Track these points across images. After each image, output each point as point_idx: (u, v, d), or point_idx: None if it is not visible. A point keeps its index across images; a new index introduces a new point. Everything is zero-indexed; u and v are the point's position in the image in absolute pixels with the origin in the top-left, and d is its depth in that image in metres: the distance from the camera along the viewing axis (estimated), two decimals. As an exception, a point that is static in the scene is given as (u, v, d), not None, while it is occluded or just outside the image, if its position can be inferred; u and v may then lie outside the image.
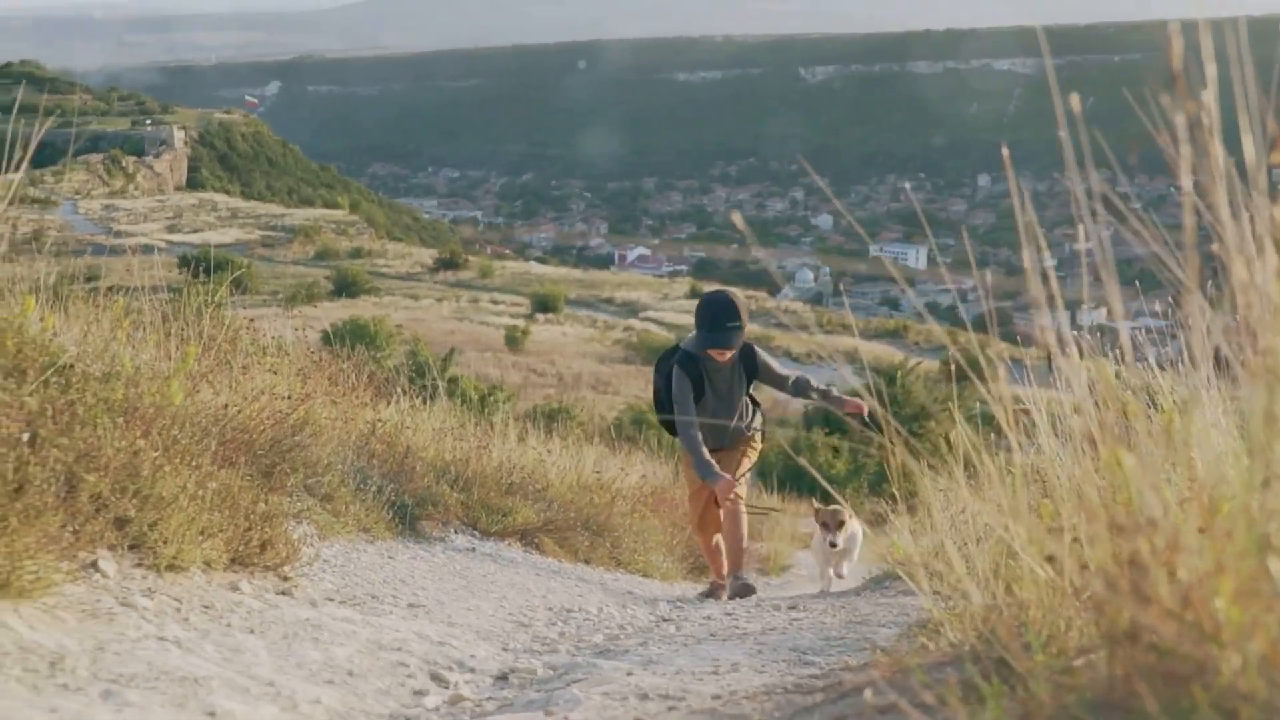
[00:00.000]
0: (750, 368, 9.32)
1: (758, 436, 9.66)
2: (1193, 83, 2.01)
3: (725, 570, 9.53)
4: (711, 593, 9.63)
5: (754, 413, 9.62)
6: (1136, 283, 4.09)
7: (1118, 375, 3.76)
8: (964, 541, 4.85)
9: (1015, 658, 2.34)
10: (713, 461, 8.92)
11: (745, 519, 9.31)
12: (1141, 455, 2.23)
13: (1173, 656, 1.87)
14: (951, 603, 3.32)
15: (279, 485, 6.12)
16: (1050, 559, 2.49)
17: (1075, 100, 2.26)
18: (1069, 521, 2.60)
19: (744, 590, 8.96)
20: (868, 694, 2.66)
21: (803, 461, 7.08)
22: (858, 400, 9.19)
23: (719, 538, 9.61)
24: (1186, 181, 1.99)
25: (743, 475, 9.33)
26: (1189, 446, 2.55)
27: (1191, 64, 2.02)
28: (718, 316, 8.96)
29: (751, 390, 9.55)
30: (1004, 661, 2.41)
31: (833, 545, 9.62)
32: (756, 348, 9.37)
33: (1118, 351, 4.33)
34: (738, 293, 9.36)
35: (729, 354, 9.05)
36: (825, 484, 4.07)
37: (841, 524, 9.67)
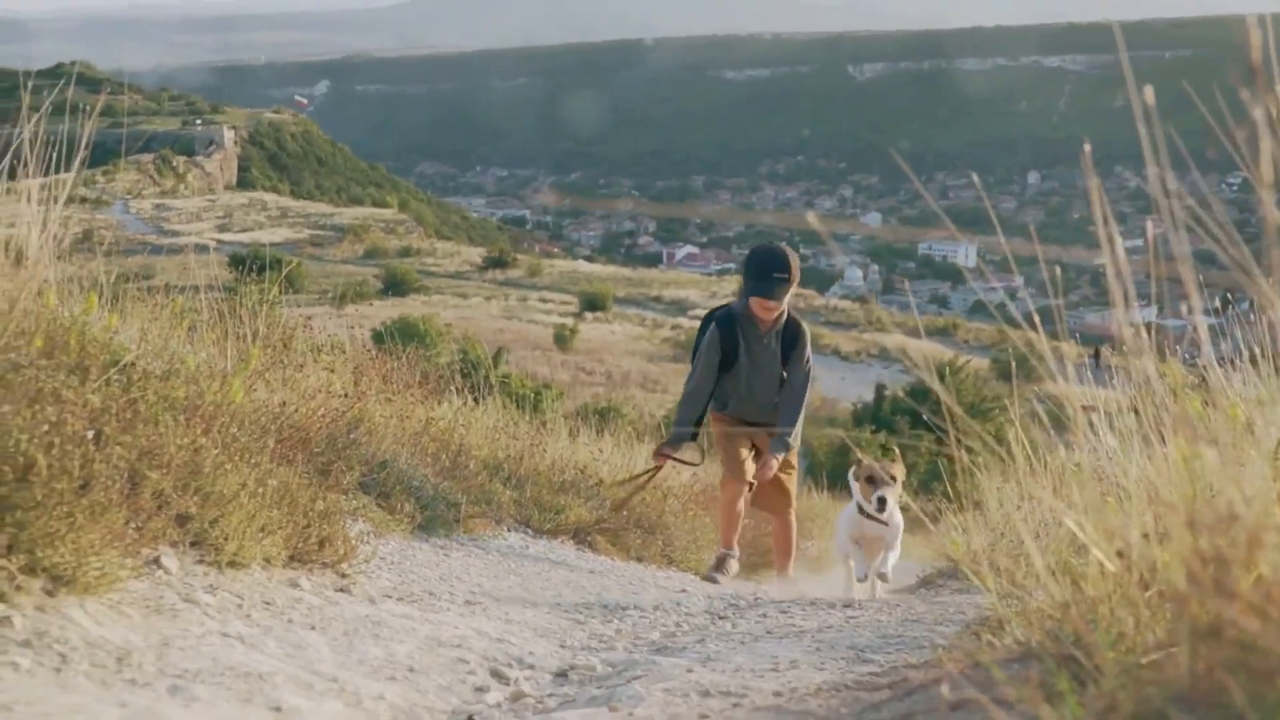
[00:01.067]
0: (789, 345, 8.80)
1: (794, 454, 9.19)
2: (1270, 75, 1.99)
3: (734, 542, 9.23)
4: (718, 565, 9.25)
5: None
6: (1200, 278, 4.05)
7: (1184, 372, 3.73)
8: (1023, 537, 4.83)
9: (1087, 654, 2.33)
10: (686, 433, 8.97)
11: (795, 529, 9.32)
12: (1222, 450, 2.21)
13: (1257, 652, 1.86)
14: (1015, 599, 3.30)
15: (335, 483, 6.14)
16: (1120, 554, 2.47)
17: (1149, 93, 2.23)
18: (1138, 517, 2.59)
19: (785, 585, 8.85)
20: (944, 689, 2.64)
21: (866, 457, 7.07)
22: (769, 466, 8.83)
23: (742, 506, 9.18)
24: (1267, 173, 1.97)
25: (775, 467, 8.87)
26: (1269, 441, 2.53)
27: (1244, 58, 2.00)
28: (764, 265, 8.48)
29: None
30: (1073, 658, 2.39)
31: (881, 503, 7.94)
32: (806, 330, 8.87)
33: (1178, 348, 4.31)
34: (790, 249, 8.63)
35: (773, 313, 8.59)
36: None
37: (893, 479, 7.94)
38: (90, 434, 3.35)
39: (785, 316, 8.73)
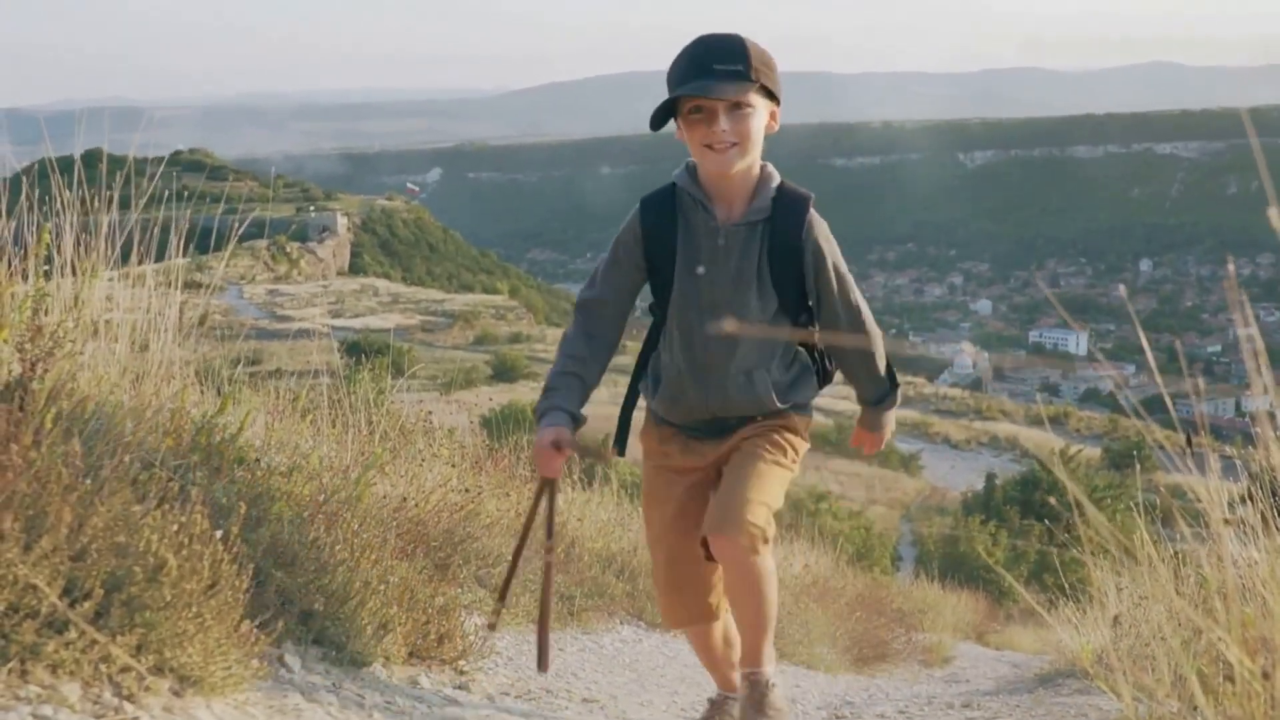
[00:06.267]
0: (789, 249, 4.29)
1: (796, 420, 4.49)
2: None
3: (735, 667, 4.67)
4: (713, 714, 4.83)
5: (801, 374, 4.53)
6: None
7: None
8: (1146, 640, 4.75)
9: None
10: (564, 391, 4.32)
11: (772, 575, 4.31)
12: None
13: None
14: (1147, 706, 3.24)
15: (453, 578, 6.16)
16: (1266, 675, 2.42)
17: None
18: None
19: (760, 708, 4.35)
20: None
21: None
22: (880, 433, 4.81)
23: (716, 622, 4.75)
24: None
25: (764, 494, 4.26)
26: None
27: None
28: (700, 54, 4.13)
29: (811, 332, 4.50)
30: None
31: None
32: (819, 220, 4.33)
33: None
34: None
35: (724, 154, 4.13)
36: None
37: None
38: (219, 533, 3.37)
39: (774, 185, 4.36)
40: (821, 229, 4.35)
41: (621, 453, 4.83)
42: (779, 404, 4.44)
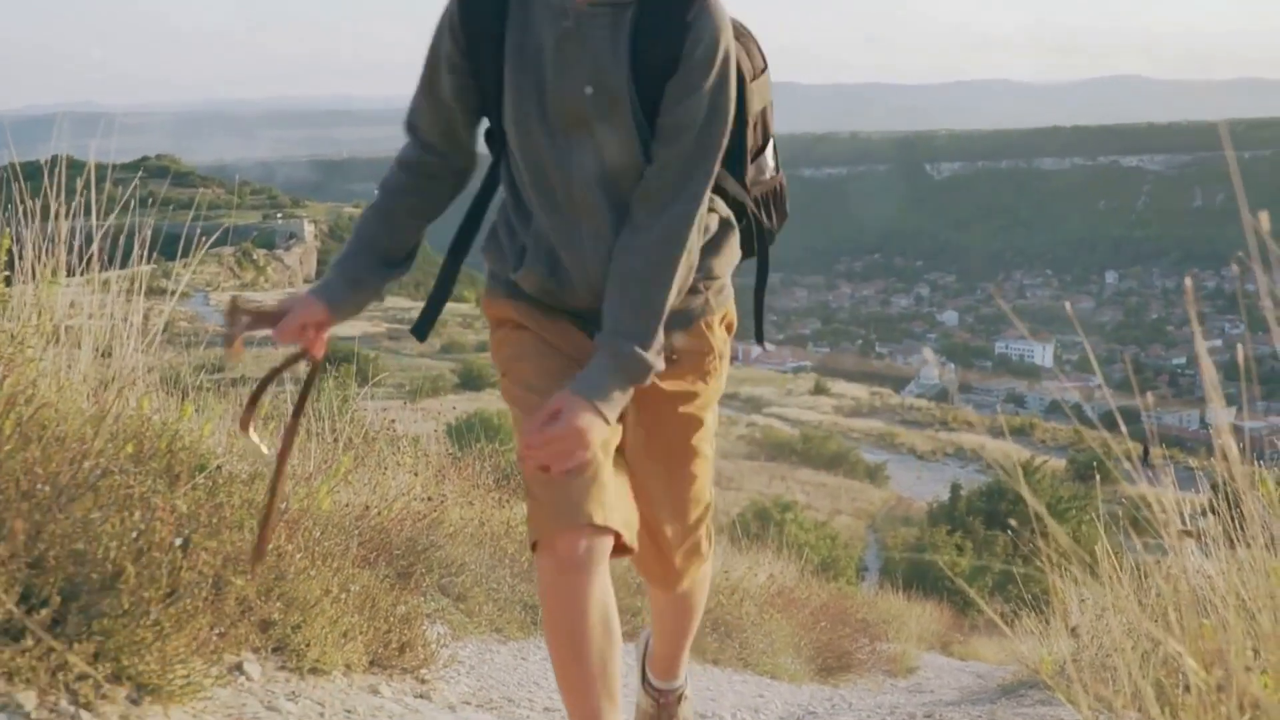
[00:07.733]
0: (668, 44, 2.88)
1: (708, 321, 3.41)
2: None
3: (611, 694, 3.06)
4: None
5: (717, 232, 3.46)
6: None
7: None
8: (1107, 652, 4.77)
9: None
10: (350, 273, 3.55)
11: (707, 581, 3.83)
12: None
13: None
14: (1110, 718, 3.26)
15: (415, 586, 6.14)
16: (1220, 688, 2.43)
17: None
18: (1237, 645, 2.54)
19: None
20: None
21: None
22: (571, 415, 2.88)
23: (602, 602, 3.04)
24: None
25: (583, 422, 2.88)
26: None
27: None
28: None
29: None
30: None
31: None
32: (718, 8, 2.93)
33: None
34: None
35: None
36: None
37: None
38: (178, 541, 3.35)
39: None
40: (719, 21, 2.91)
41: (422, 338, 3.82)
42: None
